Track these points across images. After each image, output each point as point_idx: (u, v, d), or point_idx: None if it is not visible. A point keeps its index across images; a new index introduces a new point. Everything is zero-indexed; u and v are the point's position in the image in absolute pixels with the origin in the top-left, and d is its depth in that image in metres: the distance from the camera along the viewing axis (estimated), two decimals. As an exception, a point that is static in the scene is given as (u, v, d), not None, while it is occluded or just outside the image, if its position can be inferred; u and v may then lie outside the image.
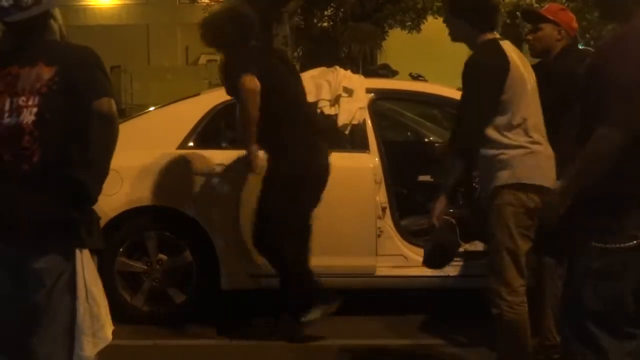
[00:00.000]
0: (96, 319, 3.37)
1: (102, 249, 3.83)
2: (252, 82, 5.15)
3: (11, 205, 3.30)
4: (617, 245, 3.16)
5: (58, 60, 3.30)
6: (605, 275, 3.21)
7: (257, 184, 5.56)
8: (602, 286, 3.23)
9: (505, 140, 4.17)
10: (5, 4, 3.33)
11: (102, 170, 3.39)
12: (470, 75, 4.26)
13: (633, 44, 3.16)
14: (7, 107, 3.29)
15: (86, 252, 3.35)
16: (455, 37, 4.59)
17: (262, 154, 5.41)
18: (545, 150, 4.29)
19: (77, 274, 3.31)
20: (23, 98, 3.29)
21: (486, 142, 4.20)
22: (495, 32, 4.42)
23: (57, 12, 3.50)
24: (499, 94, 4.19)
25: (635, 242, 3.14)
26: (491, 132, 4.18)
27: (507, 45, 4.34)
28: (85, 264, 3.33)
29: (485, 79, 4.22)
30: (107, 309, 3.48)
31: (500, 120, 4.18)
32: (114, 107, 3.32)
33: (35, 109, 3.26)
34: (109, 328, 3.48)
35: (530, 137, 4.24)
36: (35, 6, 3.34)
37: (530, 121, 4.25)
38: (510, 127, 4.18)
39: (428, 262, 4.67)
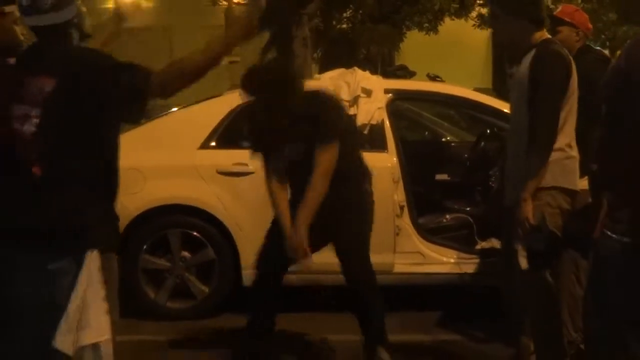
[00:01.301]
0: (84, 318, 3.28)
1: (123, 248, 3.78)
2: None
3: (23, 212, 3.31)
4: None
5: (61, 71, 3.22)
6: (631, 268, 3.20)
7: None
8: (628, 278, 3.22)
9: None
10: (24, 2, 3.27)
11: None
12: (543, 77, 4.16)
13: None
14: (14, 112, 3.25)
15: (95, 253, 3.32)
16: (509, 38, 4.49)
17: None
18: (577, 154, 4.28)
19: (81, 274, 3.29)
20: (27, 106, 3.27)
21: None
22: (545, 33, 4.35)
23: (82, 19, 3.44)
24: (564, 97, 4.18)
25: None
26: None
27: (562, 47, 4.33)
28: (91, 265, 3.31)
29: (561, 79, 4.18)
30: (101, 312, 3.31)
31: None
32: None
33: (36, 120, 3.20)
34: (91, 332, 3.29)
35: (568, 140, 4.23)
36: (53, 12, 3.26)
37: (570, 124, 4.24)
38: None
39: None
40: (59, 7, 3.27)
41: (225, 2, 20.81)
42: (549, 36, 4.32)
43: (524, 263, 4.11)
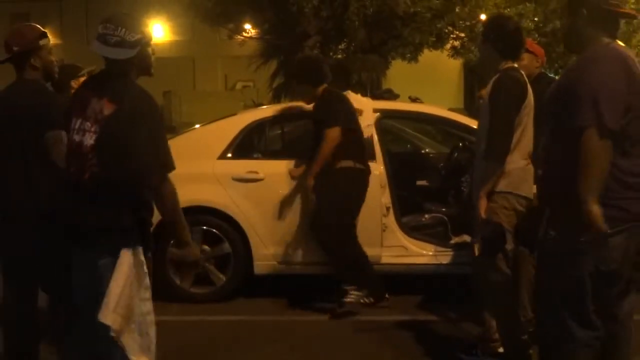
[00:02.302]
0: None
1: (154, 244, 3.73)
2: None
3: (76, 214, 3.31)
4: (576, 239, 3.13)
5: (115, 98, 3.22)
6: (568, 262, 3.20)
7: (283, 188, 5.60)
8: (566, 270, 3.21)
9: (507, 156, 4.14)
10: (99, 30, 3.26)
11: None
12: (499, 96, 4.16)
13: (596, 61, 3.16)
14: (76, 125, 3.27)
15: (128, 251, 3.29)
16: (481, 59, 4.53)
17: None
18: (531, 167, 4.26)
19: (117, 267, 3.27)
20: (88, 123, 3.26)
21: None
22: (515, 62, 4.34)
23: (147, 60, 3.38)
24: (517, 114, 4.16)
25: (589, 236, 3.10)
26: None
27: (522, 74, 4.32)
28: (124, 261, 3.29)
29: (515, 100, 4.15)
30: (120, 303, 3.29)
31: None
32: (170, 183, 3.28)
33: (95, 135, 3.21)
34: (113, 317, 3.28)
35: (523, 154, 4.21)
36: (116, 48, 3.23)
37: (526, 140, 4.23)
38: (514, 144, 4.16)
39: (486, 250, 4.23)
40: (120, 46, 3.23)
41: (239, 37, 20.86)
42: (515, 65, 4.31)
43: (477, 250, 4.12)
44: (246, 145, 6.16)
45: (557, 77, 5.27)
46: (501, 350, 4.42)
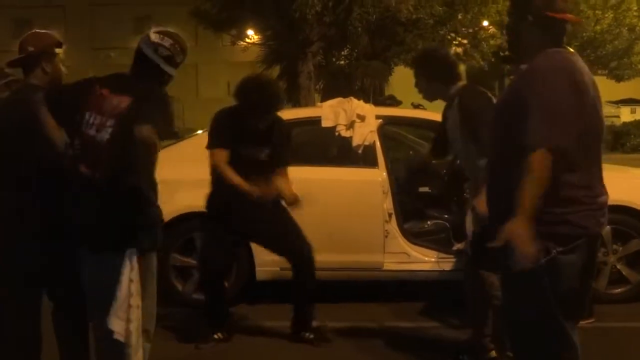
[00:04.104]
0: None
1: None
2: None
3: (86, 213, 3.34)
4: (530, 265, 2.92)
5: (134, 93, 3.30)
6: (525, 283, 3.02)
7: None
8: (526, 292, 3.05)
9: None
10: (154, 39, 3.47)
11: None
12: (476, 107, 4.20)
13: (543, 75, 2.99)
14: (91, 121, 3.31)
15: (132, 251, 3.33)
16: (430, 96, 4.55)
17: None
18: None
19: (124, 269, 3.31)
20: (104, 118, 3.30)
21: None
22: (463, 81, 4.40)
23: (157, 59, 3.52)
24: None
25: (546, 258, 2.92)
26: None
27: (477, 88, 4.36)
28: (130, 263, 3.32)
29: (487, 109, 4.13)
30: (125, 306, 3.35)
31: None
32: (152, 135, 3.21)
33: (110, 129, 3.27)
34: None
35: None
36: (166, 63, 3.45)
37: None
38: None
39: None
40: (168, 62, 3.47)
41: (242, 43, 20.90)
42: (465, 84, 4.38)
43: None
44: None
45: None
46: (494, 354, 4.44)
